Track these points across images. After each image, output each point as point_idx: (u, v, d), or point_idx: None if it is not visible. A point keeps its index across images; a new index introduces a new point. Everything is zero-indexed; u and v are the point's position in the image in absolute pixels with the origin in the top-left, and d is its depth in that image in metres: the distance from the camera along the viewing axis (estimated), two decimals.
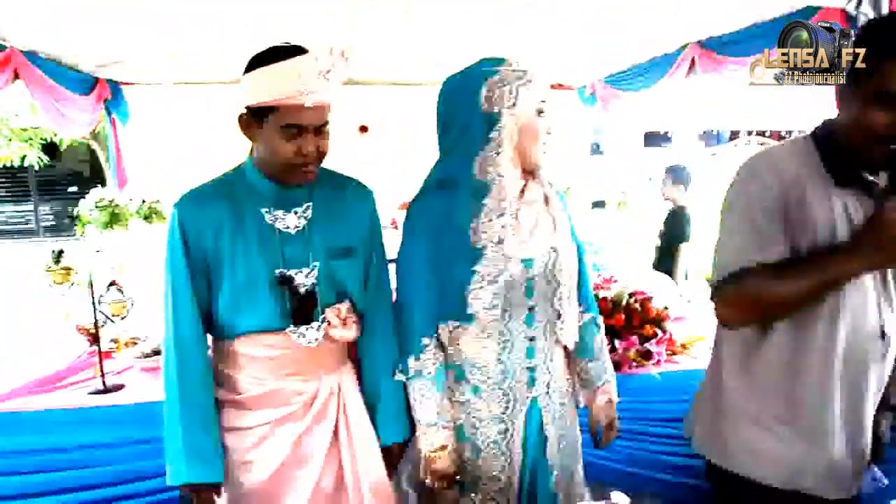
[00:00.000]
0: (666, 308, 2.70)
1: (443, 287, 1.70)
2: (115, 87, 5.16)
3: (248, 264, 1.61)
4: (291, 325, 1.64)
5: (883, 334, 1.50)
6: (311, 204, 1.68)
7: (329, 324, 1.68)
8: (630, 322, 2.61)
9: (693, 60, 4.37)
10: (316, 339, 1.66)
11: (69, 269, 2.68)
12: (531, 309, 1.72)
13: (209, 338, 1.71)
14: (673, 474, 2.48)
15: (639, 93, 5.14)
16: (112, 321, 2.56)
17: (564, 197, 1.88)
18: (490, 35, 4.00)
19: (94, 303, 2.32)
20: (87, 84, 4.73)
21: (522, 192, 1.74)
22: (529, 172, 1.74)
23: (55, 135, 9.37)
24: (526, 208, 1.72)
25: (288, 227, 1.65)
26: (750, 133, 11.52)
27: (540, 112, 1.66)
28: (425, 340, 1.72)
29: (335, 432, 1.74)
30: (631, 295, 2.64)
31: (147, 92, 5.39)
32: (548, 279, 1.72)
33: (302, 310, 1.65)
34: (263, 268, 1.62)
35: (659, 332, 2.61)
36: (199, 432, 1.61)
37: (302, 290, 1.64)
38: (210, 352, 1.72)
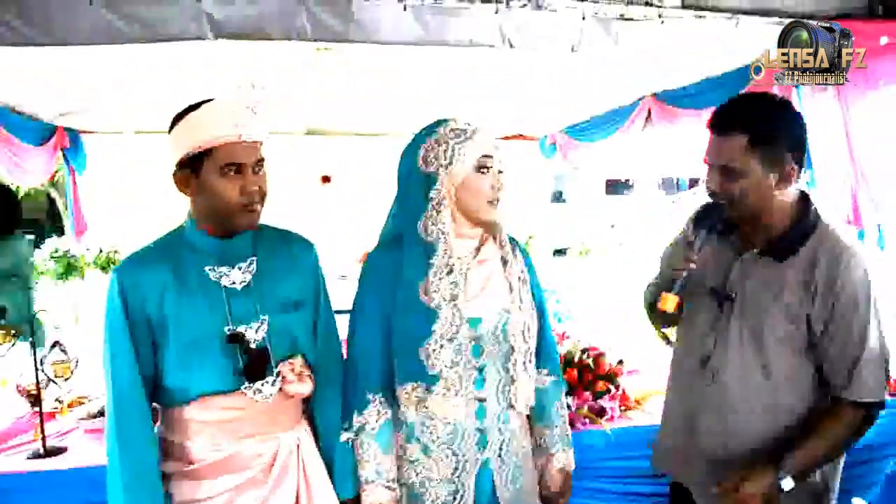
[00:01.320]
0: (620, 362, 2.69)
1: (398, 346, 1.68)
2: (73, 135, 5.10)
3: (196, 324, 1.56)
4: (246, 383, 1.58)
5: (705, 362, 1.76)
6: (255, 258, 1.65)
7: (284, 379, 1.63)
8: (582, 378, 2.59)
9: (649, 112, 4.48)
10: (272, 395, 1.61)
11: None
12: (480, 370, 1.70)
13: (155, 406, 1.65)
14: None
15: (598, 143, 5.25)
16: (55, 382, 2.47)
17: (528, 257, 1.87)
18: (450, 88, 4.05)
19: (35, 364, 2.24)
20: (43, 133, 4.68)
21: (478, 250, 1.74)
22: (487, 230, 1.74)
23: (12, 183, 9.22)
24: (478, 267, 1.72)
25: (234, 283, 1.60)
26: None
27: (481, 168, 1.66)
28: (369, 396, 1.70)
29: (297, 493, 1.68)
30: (584, 351, 2.63)
31: (107, 140, 5.35)
32: (498, 340, 1.71)
33: (254, 367, 1.59)
34: (212, 326, 1.57)
35: (612, 387, 2.60)
36: (142, 500, 1.54)
37: (253, 345, 1.59)
38: (157, 423, 1.66)
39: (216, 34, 2.42)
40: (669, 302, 1.70)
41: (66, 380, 2.50)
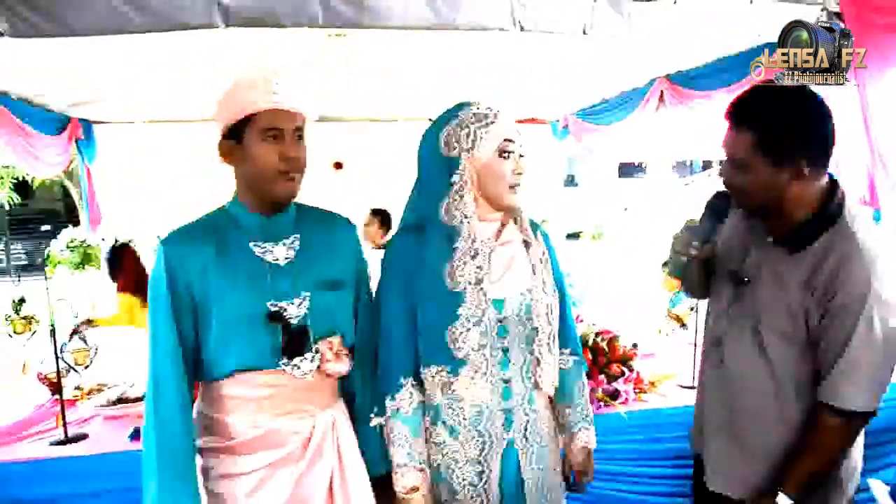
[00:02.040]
0: (634, 346, 2.69)
1: (424, 330, 1.69)
2: (86, 125, 5.12)
3: (238, 299, 1.58)
4: (285, 360, 1.60)
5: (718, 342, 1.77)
6: (298, 236, 1.68)
7: (323, 357, 1.65)
8: (596, 361, 2.60)
9: (662, 94, 4.45)
10: (310, 372, 1.63)
11: (30, 317, 2.63)
12: (504, 351, 1.71)
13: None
14: None
15: (611, 126, 5.21)
16: (75, 370, 2.50)
17: (549, 239, 1.87)
18: (462, 72, 4.04)
19: (56, 352, 2.27)
20: (58, 124, 4.71)
21: (500, 233, 1.75)
22: (508, 214, 1.74)
23: (27, 173, 9.30)
24: (500, 249, 1.73)
25: (277, 259, 1.63)
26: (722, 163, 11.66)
27: (503, 153, 1.66)
28: (402, 380, 1.70)
29: (331, 472, 1.69)
30: (598, 334, 2.63)
31: (119, 130, 5.37)
32: (522, 322, 1.72)
33: (294, 344, 1.62)
34: (254, 302, 1.59)
35: (626, 370, 2.60)
36: (174, 479, 1.54)
37: (294, 321, 1.62)
38: (197, 399, 1.68)
39: (227, 22, 2.42)
40: (668, 283, 1.72)
41: (86, 367, 2.54)
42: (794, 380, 1.65)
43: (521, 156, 1.69)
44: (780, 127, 1.53)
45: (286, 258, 1.64)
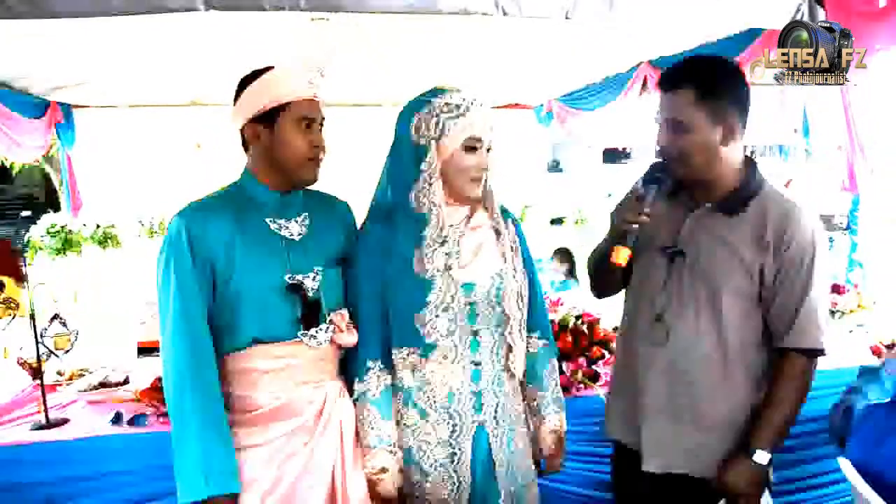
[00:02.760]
0: (616, 329, 2.71)
1: (394, 314, 1.71)
2: (66, 109, 5.06)
3: (259, 272, 1.65)
4: (302, 330, 1.67)
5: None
6: (307, 213, 1.75)
7: (337, 327, 1.71)
8: (577, 344, 2.62)
9: (646, 79, 4.45)
10: (325, 341, 1.69)
11: (9, 302, 2.61)
12: (475, 333, 1.73)
13: None
14: None
15: (594, 111, 5.22)
16: (56, 355, 2.49)
17: (519, 226, 1.89)
18: (445, 56, 4.02)
19: (36, 337, 2.25)
20: (38, 108, 4.65)
21: (469, 217, 1.76)
22: (472, 204, 1.76)
23: (6, 158, 9.18)
24: (470, 234, 1.75)
25: (292, 235, 1.71)
26: None
27: (469, 148, 1.67)
28: (369, 363, 1.73)
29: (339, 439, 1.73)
30: (578, 317, 2.65)
31: (100, 114, 5.31)
32: (492, 305, 1.74)
33: (310, 316, 1.69)
34: (273, 275, 1.66)
35: (606, 353, 2.63)
36: (216, 444, 1.56)
37: (311, 293, 1.68)
38: None
39: (207, 5, 2.40)
40: (622, 254, 1.72)
41: (67, 352, 2.53)
42: (740, 340, 1.74)
43: (489, 149, 1.71)
44: (717, 80, 1.68)
45: (300, 234, 1.72)
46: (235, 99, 1.69)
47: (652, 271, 1.83)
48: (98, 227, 5.21)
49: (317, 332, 1.69)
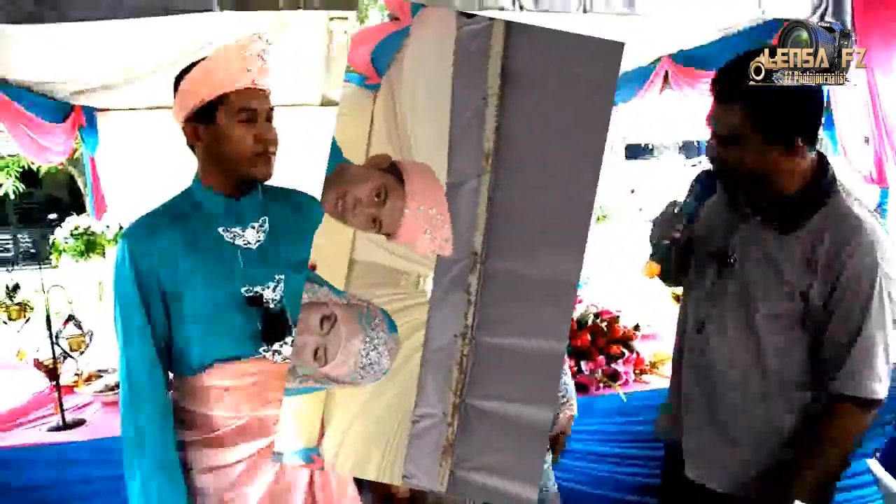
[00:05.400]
0: (636, 327, 2.66)
1: None
2: (89, 113, 5.10)
3: (212, 287, 1.54)
4: (265, 346, 1.57)
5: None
6: (266, 218, 1.64)
7: None
8: (595, 342, 2.56)
9: (667, 75, 4.38)
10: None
11: (25, 304, 2.62)
12: None
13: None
14: (639, 496, 2.45)
15: (615, 107, 5.15)
16: (71, 356, 2.50)
17: None
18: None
19: (51, 338, 2.26)
20: (61, 111, 4.69)
21: None
22: None
23: (33, 162, 9.31)
24: None
25: (248, 243, 1.59)
26: None
27: None
28: None
29: None
30: (597, 315, 2.60)
31: (122, 118, 5.35)
32: None
33: (273, 330, 1.57)
34: (228, 289, 1.55)
35: (626, 351, 2.57)
36: (157, 474, 1.51)
37: (271, 305, 1.57)
38: (171, 392, 1.64)
39: (223, 6, 2.39)
40: (651, 268, 1.66)
41: (82, 353, 2.54)
42: (782, 365, 1.57)
43: None
44: (773, 103, 1.47)
45: (257, 241, 1.61)
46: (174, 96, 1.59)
47: (701, 276, 1.73)
48: (121, 228, 5.23)
49: (282, 346, 1.58)
